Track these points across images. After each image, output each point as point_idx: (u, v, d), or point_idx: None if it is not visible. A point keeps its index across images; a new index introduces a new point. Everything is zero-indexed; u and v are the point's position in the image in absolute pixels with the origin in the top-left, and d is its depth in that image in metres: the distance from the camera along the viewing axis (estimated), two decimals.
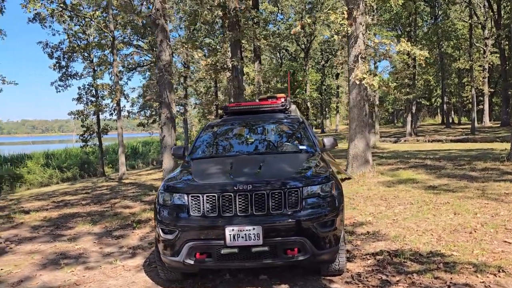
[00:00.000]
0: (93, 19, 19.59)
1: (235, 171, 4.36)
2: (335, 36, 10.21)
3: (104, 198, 11.79)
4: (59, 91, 24.87)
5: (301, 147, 5.31)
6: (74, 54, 24.16)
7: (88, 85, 22.35)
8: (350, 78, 10.29)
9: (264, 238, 3.82)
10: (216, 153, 5.47)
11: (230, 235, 3.82)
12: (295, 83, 39.09)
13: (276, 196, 3.95)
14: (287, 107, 6.35)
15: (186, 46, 12.03)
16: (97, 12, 19.38)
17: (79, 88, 23.48)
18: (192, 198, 4.03)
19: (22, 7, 16.84)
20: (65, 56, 24.22)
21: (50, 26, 21.36)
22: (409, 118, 31.95)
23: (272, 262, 3.93)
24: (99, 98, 22.52)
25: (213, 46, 17.67)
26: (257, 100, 8.53)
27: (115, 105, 19.70)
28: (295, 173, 4.26)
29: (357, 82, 10.03)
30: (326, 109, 55.70)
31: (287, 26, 37.15)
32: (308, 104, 38.60)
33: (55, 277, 5.04)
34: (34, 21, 22.60)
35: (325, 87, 49.89)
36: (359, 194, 9.21)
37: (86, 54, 24.45)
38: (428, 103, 55.75)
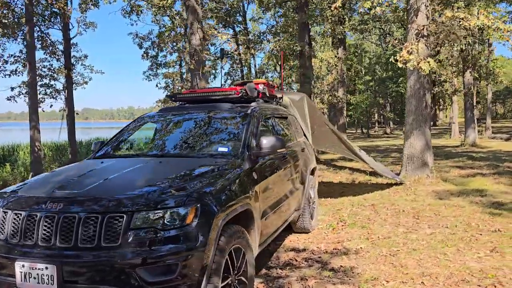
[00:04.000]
0: (166, 8, 19.69)
1: (76, 180, 3.24)
2: (378, 8, 8.18)
3: None
4: (150, 80, 26.04)
5: (220, 149, 3.93)
6: (161, 44, 24.96)
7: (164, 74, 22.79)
8: (397, 60, 8.19)
9: (62, 282, 2.66)
10: (117, 153, 4.37)
11: (21, 272, 2.74)
12: (399, 71, 35.31)
13: (91, 222, 2.75)
14: (249, 96, 4.92)
15: (217, 28, 11.02)
16: (168, 0, 19.41)
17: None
18: (3, 213, 3.05)
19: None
20: (154, 46, 25.16)
21: (129, 17, 21.93)
22: None
23: None
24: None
25: (277, 30, 16.38)
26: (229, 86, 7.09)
27: None
28: (139, 188, 2.98)
29: (400, 65, 7.95)
30: (440, 100, 49.86)
31: (393, 9, 33.56)
32: None
33: None
34: (130, 15, 23.81)
35: (436, 75, 44.51)
36: (392, 207, 7.28)
37: (174, 44, 25.08)
38: None
